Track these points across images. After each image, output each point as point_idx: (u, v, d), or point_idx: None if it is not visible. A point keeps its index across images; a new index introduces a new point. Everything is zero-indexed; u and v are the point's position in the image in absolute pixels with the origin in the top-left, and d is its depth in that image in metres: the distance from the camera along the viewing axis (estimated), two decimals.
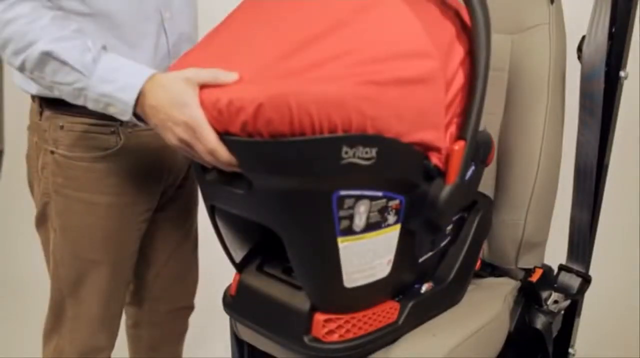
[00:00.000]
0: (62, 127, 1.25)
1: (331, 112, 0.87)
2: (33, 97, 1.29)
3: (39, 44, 1.04)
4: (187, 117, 0.95)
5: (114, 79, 1.04)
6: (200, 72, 0.96)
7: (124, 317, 1.55)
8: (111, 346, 1.42)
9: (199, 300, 1.61)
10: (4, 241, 2.58)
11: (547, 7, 1.28)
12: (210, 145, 0.94)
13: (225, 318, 1.29)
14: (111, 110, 1.06)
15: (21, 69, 1.09)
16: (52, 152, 1.26)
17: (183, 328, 1.63)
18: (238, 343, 1.34)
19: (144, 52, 1.23)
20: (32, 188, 1.36)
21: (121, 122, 1.23)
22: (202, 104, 0.93)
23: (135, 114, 1.04)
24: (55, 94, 1.11)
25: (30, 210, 1.37)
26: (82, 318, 1.35)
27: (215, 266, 1.40)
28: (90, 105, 1.07)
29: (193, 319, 1.63)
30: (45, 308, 1.40)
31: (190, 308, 1.61)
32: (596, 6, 1.25)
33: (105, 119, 1.18)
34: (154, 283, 1.51)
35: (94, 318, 1.36)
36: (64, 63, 1.04)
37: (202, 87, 0.94)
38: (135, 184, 1.31)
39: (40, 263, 1.40)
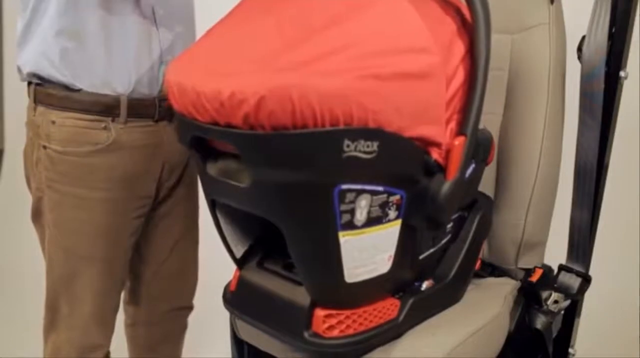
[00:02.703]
0: (54, 123, 1.25)
1: (333, 105, 0.88)
2: (28, 86, 1.29)
3: None
4: None
5: None
6: None
7: (123, 316, 1.55)
8: (107, 343, 1.42)
9: (199, 299, 1.60)
10: (4, 241, 2.57)
11: (547, 7, 1.28)
12: None
13: (225, 318, 1.28)
14: None
15: None
16: (45, 147, 1.27)
17: (182, 328, 1.63)
18: (238, 343, 1.33)
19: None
20: (29, 184, 1.36)
21: (113, 118, 1.24)
22: (204, 95, 0.93)
23: None
24: None
25: (30, 209, 1.37)
26: (77, 315, 1.35)
27: (215, 265, 1.40)
28: None
29: (193, 319, 1.63)
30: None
31: (189, 308, 1.61)
32: (596, 6, 1.25)
33: (96, 115, 1.19)
34: (152, 281, 1.51)
35: (88, 315, 1.35)
36: None
37: (204, 78, 0.94)
38: (127, 180, 1.31)
39: (41, 262, 1.39)
